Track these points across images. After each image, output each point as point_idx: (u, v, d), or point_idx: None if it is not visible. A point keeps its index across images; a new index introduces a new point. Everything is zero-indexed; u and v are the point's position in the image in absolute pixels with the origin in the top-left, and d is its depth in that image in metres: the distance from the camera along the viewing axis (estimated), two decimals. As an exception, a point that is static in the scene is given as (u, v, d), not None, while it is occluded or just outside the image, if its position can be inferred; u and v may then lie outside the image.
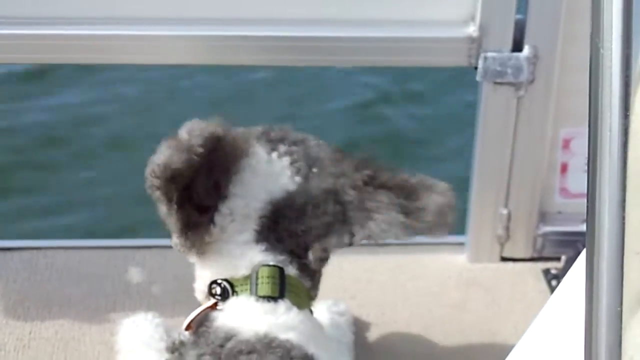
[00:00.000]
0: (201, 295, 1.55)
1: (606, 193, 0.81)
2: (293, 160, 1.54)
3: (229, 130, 1.52)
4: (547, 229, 2.12)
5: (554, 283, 2.08)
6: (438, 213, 1.52)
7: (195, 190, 1.47)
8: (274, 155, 1.54)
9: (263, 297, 1.46)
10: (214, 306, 1.50)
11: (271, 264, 1.49)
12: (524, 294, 2.07)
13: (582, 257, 1.08)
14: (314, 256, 1.52)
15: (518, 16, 1.91)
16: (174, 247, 1.53)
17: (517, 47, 1.92)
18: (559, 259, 2.13)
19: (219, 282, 1.50)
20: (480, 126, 2.02)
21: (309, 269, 1.54)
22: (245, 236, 1.50)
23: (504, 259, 2.14)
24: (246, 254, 1.50)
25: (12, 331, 1.91)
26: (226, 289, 1.49)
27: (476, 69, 1.93)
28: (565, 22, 1.91)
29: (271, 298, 1.46)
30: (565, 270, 2.06)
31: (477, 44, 1.92)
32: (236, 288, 1.48)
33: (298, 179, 1.52)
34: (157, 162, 1.43)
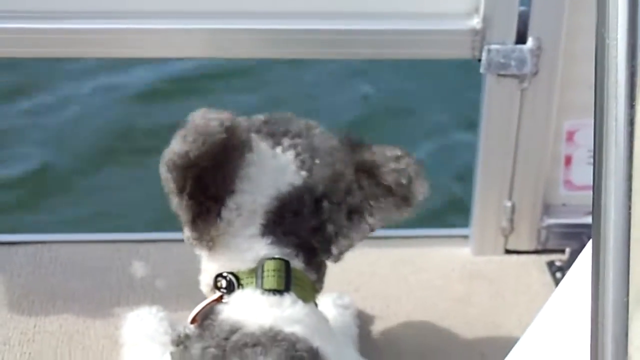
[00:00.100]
0: (207, 288, 1.55)
1: (612, 183, 0.81)
2: (297, 153, 1.53)
3: (237, 121, 1.51)
4: (552, 221, 2.12)
5: (559, 275, 2.07)
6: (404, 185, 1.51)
7: (207, 182, 1.46)
8: (278, 150, 1.53)
9: (268, 290, 1.46)
10: (219, 299, 1.49)
11: (277, 257, 1.49)
12: (528, 286, 2.06)
13: (587, 248, 1.08)
14: (338, 250, 1.52)
15: (522, 8, 1.91)
16: (185, 241, 1.51)
17: (521, 39, 1.92)
18: (563, 251, 2.13)
19: (224, 275, 1.49)
20: (484, 118, 2.01)
21: (315, 262, 1.54)
22: (251, 230, 1.50)
23: (508, 252, 2.14)
24: (252, 247, 1.49)
25: (16, 325, 1.92)
26: (232, 282, 1.49)
27: (480, 61, 1.92)
28: (569, 14, 1.91)
29: (277, 291, 1.46)
30: (570, 263, 2.07)
31: (480, 36, 1.91)
32: (242, 281, 1.48)
33: (304, 173, 1.52)
34: (175, 150, 1.41)
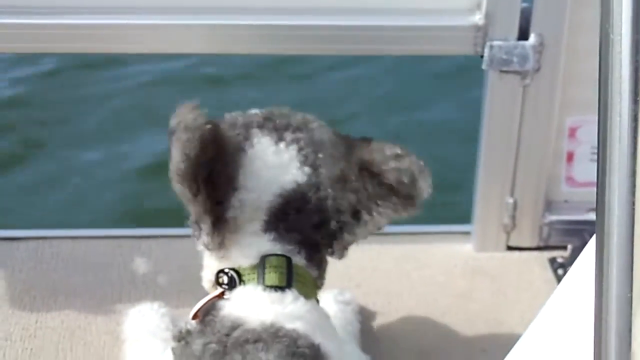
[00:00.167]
0: (208, 284, 1.54)
1: (616, 179, 0.80)
2: (300, 147, 1.52)
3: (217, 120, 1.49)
4: (553, 217, 2.12)
5: (560, 272, 2.07)
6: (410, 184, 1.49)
7: (215, 183, 1.45)
8: (281, 146, 1.52)
9: (270, 286, 1.46)
10: (221, 295, 1.49)
11: (279, 253, 1.48)
12: (530, 283, 2.06)
13: (590, 245, 1.08)
14: (341, 246, 1.52)
15: (524, 4, 1.91)
16: (204, 247, 1.49)
17: (523, 35, 1.92)
18: (565, 247, 2.13)
19: (226, 271, 1.49)
20: (486, 115, 2.01)
21: (317, 258, 1.53)
22: (254, 226, 1.49)
23: (510, 248, 2.14)
24: (254, 244, 1.49)
25: (18, 320, 1.92)
26: (233, 278, 1.48)
27: (482, 57, 1.92)
28: (571, 10, 1.91)
29: (278, 288, 1.46)
30: (572, 259, 2.07)
31: (483, 32, 1.91)
32: (243, 277, 1.48)
33: (307, 169, 1.51)
34: (177, 158, 1.39)
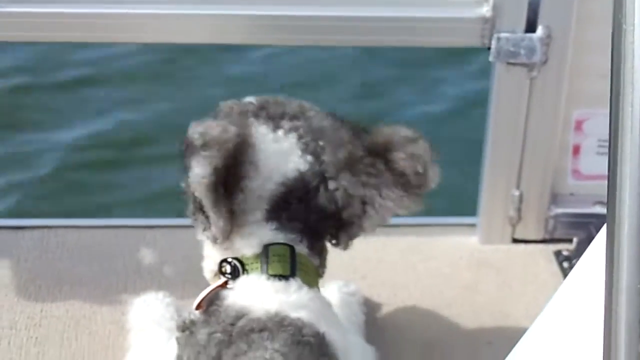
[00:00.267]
0: (210, 275, 1.54)
1: (627, 169, 0.80)
2: (299, 135, 1.51)
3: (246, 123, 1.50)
4: (559, 210, 2.11)
5: (566, 265, 2.07)
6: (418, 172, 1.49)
7: (228, 182, 1.45)
8: (279, 133, 1.51)
9: (274, 275, 1.46)
10: (224, 285, 1.49)
11: (282, 242, 1.48)
12: (535, 275, 2.06)
13: (598, 238, 1.07)
14: (345, 237, 1.52)
15: (532, -4, 1.91)
16: (212, 240, 1.49)
17: (531, 27, 1.91)
18: (570, 240, 2.12)
19: (229, 260, 1.49)
20: (492, 107, 2.01)
21: (318, 246, 1.53)
22: (256, 215, 1.49)
23: (515, 241, 2.14)
24: (257, 233, 1.49)
25: (23, 310, 1.92)
26: (236, 268, 1.48)
27: (489, 49, 1.92)
28: (579, 2, 1.90)
29: (282, 277, 1.46)
30: (577, 252, 2.07)
31: (490, 24, 1.91)
32: (246, 266, 1.47)
33: (309, 158, 1.50)
34: (202, 173, 1.41)
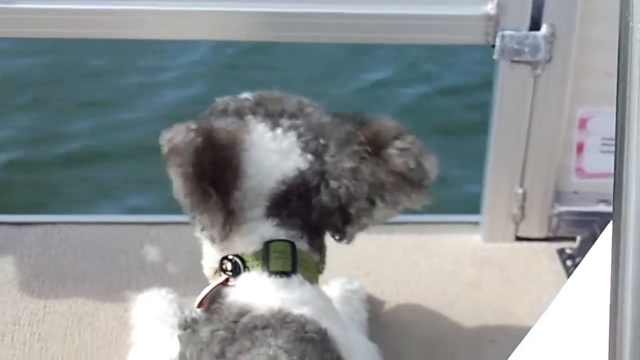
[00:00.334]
0: (210, 272, 1.54)
1: (633, 167, 0.80)
2: (299, 134, 1.50)
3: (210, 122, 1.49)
4: (563, 208, 2.11)
5: (569, 263, 2.07)
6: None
7: (219, 182, 1.44)
8: (278, 131, 1.50)
9: (276, 272, 1.45)
10: (225, 282, 1.48)
11: (283, 239, 1.48)
12: (538, 273, 2.06)
13: (603, 236, 1.07)
14: (353, 231, 1.50)
15: (536, -6, 1.91)
16: (210, 240, 1.49)
17: (535, 25, 1.91)
18: (574, 239, 2.12)
19: (230, 257, 1.48)
20: (496, 105, 2.01)
21: (317, 242, 1.53)
22: (256, 212, 1.48)
23: (518, 239, 2.13)
24: (257, 230, 1.48)
25: (26, 305, 1.92)
26: (237, 265, 1.47)
27: (494, 47, 1.92)
28: (583, 1, 1.90)
29: (284, 273, 1.45)
30: (580, 250, 2.06)
31: (494, 22, 1.91)
32: (247, 263, 1.47)
33: (310, 157, 1.49)
34: (177, 183, 1.41)
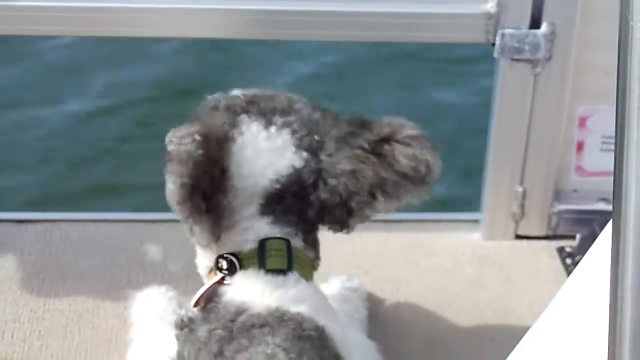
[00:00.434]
0: (205, 271, 1.54)
1: (633, 165, 0.80)
2: (293, 131, 1.49)
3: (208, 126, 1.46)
4: (563, 207, 2.11)
5: (569, 262, 2.07)
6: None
7: (210, 185, 1.43)
8: (272, 130, 1.48)
9: (272, 270, 1.45)
10: (221, 281, 1.47)
11: (278, 236, 1.47)
12: (538, 272, 2.06)
13: (603, 235, 1.07)
14: (355, 223, 1.49)
15: (536, -7, 1.90)
16: (202, 244, 1.47)
17: (535, 24, 1.91)
18: (574, 237, 2.12)
19: (225, 256, 1.48)
20: (497, 103, 2.01)
21: (312, 239, 1.52)
22: (250, 210, 1.48)
23: (518, 237, 2.13)
24: (252, 228, 1.47)
25: (26, 303, 1.92)
26: (233, 264, 1.47)
27: (494, 45, 1.92)
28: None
29: (280, 271, 1.45)
30: (580, 249, 2.07)
31: (495, 20, 1.90)
32: (243, 262, 1.46)
33: (305, 155, 1.48)
34: (173, 189, 1.39)
